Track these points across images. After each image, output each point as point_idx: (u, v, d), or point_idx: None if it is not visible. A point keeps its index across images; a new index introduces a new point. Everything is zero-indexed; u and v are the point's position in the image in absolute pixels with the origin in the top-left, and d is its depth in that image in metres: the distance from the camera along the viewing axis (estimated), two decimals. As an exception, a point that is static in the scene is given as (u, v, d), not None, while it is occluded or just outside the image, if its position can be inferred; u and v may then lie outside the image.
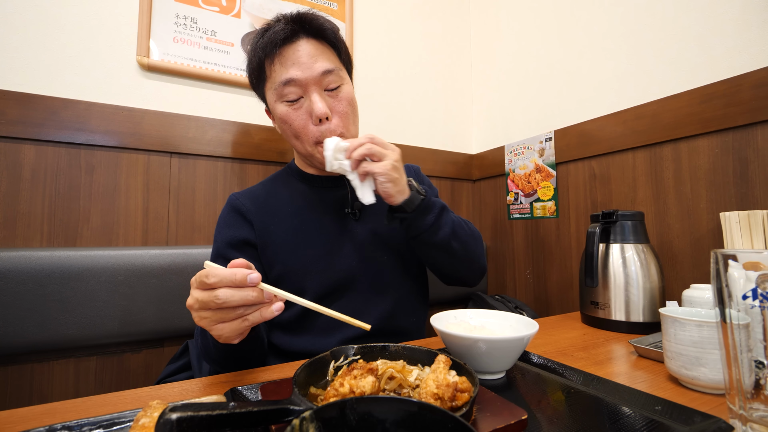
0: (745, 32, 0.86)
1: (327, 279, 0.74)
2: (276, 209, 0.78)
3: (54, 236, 0.92)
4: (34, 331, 0.82)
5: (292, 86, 0.70)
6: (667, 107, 0.98)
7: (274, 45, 0.70)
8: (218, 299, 0.44)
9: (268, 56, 0.72)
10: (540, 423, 0.40)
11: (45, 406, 0.45)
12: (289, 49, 0.70)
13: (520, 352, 0.52)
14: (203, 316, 0.46)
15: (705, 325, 0.48)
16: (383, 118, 1.44)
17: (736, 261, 0.37)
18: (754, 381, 0.36)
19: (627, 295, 0.80)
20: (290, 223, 0.77)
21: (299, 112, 0.72)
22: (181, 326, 0.94)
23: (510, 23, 1.51)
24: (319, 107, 0.70)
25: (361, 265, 0.77)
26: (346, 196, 0.82)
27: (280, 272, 0.74)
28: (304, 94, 0.71)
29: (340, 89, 0.74)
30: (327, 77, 0.71)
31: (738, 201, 0.86)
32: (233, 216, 0.77)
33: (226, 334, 0.47)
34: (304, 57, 0.70)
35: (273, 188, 0.83)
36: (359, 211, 0.81)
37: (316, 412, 0.27)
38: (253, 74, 0.77)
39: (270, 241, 0.75)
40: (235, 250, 0.74)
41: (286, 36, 0.70)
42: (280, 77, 0.70)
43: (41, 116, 0.91)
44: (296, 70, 0.70)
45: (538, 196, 1.34)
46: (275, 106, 0.74)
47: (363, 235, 0.79)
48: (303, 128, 0.72)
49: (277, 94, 0.72)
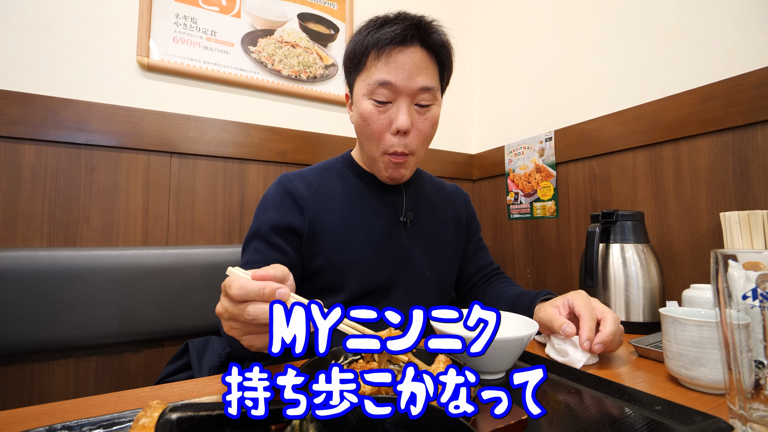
0: (745, 32, 0.86)
1: (366, 281, 0.73)
2: (329, 200, 0.75)
3: (54, 236, 0.92)
4: (34, 331, 0.81)
5: (386, 89, 0.68)
6: (667, 107, 0.98)
7: (387, 42, 0.67)
8: (248, 315, 0.40)
9: (375, 49, 0.68)
10: (540, 423, 0.40)
11: (45, 406, 0.45)
12: (399, 52, 0.68)
13: (520, 352, 0.52)
14: (232, 327, 0.43)
15: (705, 325, 0.48)
16: (383, 118, 1.44)
17: (736, 261, 0.37)
18: (754, 381, 0.36)
19: (627, 295, 0.80)
20: (341, 218, 0.74)
21: (382, 116, 0.70)
22: (181, 326, 0.94)
23: (510, 23, 1.51)
24: (402, 120, 0.68)
25: (402, 274, 0.77)
26: (401, 203, 0.80)
27: (322, 264, 0.72)
28: (394, 100, 0.69)
29: (430, 108, 0.72)
30: (422, 93, 0.69)
31: (738, 201, 0.86)
32: (285, 199, 0.73)
33: (258, 347, 0.44)
34: (409, 65, 0.68)
35: (328, 178, 0.79)
36: (410, 221, 0.80)
37: (316, 412, 0.27)
38: (351, 59, 0.73)
39: (318, 231, 0.72)
40: (277, 236, 0.70)
41: (403, 38, 0.67)
42: (379, 76, 0.68)
43: (41, 116, 0.91)
44: (397, 76, 0.67)
45: (538, 196, 1.34)
46: (361, 99, 0.71)
47: (410, 246, 0.78)
48: (380, 133, 0.70)
49: (368, 89, 0.69)
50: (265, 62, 1.21)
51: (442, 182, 0.95)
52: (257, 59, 1.20)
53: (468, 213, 0.94)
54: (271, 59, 1.22)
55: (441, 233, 0.85)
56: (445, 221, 0.87)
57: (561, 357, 0.60)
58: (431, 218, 0.84)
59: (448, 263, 0.85)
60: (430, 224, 0.83)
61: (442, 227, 0.85)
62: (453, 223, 0.89)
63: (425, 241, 0.81)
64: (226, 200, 1.11)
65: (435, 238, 0.83)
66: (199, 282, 0.96)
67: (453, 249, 0.87)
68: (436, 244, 0.83)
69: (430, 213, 0.84)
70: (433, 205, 0.86)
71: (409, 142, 0.71)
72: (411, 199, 0.82)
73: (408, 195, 0.82)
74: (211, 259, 0.98)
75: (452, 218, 0.89)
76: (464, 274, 0.91)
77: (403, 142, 0.70)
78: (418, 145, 0.73)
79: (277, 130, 1.19)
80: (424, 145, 0.75)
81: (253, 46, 1.20)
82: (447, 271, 0.85)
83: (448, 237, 0.86)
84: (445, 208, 0.89)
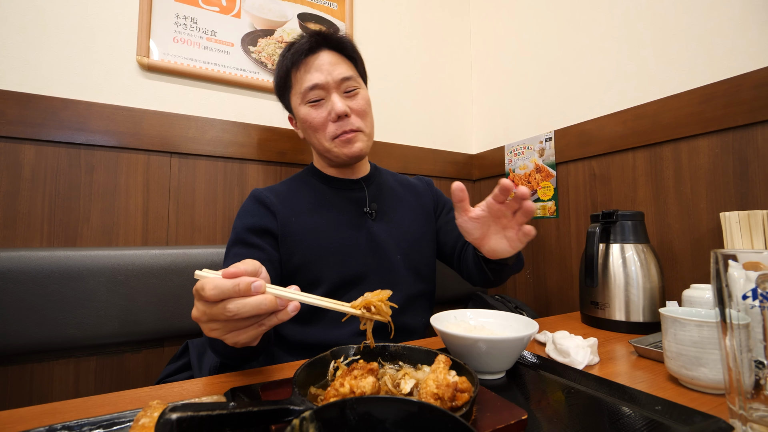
0: (745, 32, 0.86)
1: (342, 271, 0.79)
2: (298, 205, 0.83)
3: (54, 236, 0.92)
4: (34, 331, 0.81)
5: (316, 90, 0.79)
6: (667, 107, 0.98)
7: (300, 54, 0.80)
8: (229, 312, 0.40)
9: (294, 65, 0.82)
10: (540, 423, 0.40)
11: (45, 406, 0.45)
12: (313, 58, 0.81)
13: (520, 352, 0.52)
14: (213, 328, 0.43)
15: (705, 325, 0.48)
16: (383, 118, 1.44)
17: (736, 261, 0.37)
18: (754, 381, 0.36)
19: (627, 295, 0.80)
20: (311, 218, 0.82)
21: (320, 110, 0.80)
22: (181, 326, 0.94)
23: (510, 23, 1.51)
24: (339, 105, 0.78)
25: (375, 261, 0.82)
26: (364, 197, 0.88)
27: (299, 261, 0.78)
28: (326, 97, 0.80)
29: (357, 92, 0.83)
30: (346, 82, 0.81)
31: (738, 201, 0.86)
32: (257, 206, 0.81)
33: (243, 341, 0.45)
34: (325, 65, 0.80)
35: (295, 186, 0.88)
36: (375, 211, 0.87)
37: (316, 412, 0.27)
38: (279, 83, 0.86)
39: (291, 231, 0.79)
40: (254, 235, 0.77)
41: (310, 47, 0.80)
42: (306, 83, 0.80)
43: (41, 116, 0.91)
44: (319, 76, 0.79)
45: (538, 196, 1.34)
46: (299, 109, 0.83)
47: (378, 234, 0.84)
48: (323, 124, 0.81)
49: (302, 97, 0.81)
50: (265, 62, 1.21)
51: (404, 176, 1.03)
52: (257, 59, 1.20)
53: (433, 194, 1.00)
54: (271, 59, 1.22)
55: (407, 219, 0.90)
56: (411, 208, 0.93)
57: (562, 357, 0.60)
58: (396, 206, 0.91)
59: (419, 245, 0.90)
60: (396, 212, 0.90)
61: (408, 214, 0.91)
62: (420, 209, 0.94)
63: (392, 227, 0.87)
64: (226, 200, 1.11)
65: (402, 224, 0.89)
66: (199, 282, 0.96)
67: (424, 231, 0.92)
68: (403, 228, 0.88)
69: (394, 202, 0.91)
70: (396, 196, 0.93)
71: (352, 121, 0.80)
72: (373, 192, 0.90)
73: (370, 189, 0.90)
74: (211, 259, 0.98)
75: (418, 204, 0.95)
76: (447, 246, 0.94)
77: (346, 124, 0.80)
78: (361, 121, 0.82)
79: (277, 130, 1.19)
80: (367, 121, 0.84)
81: (253, 46, 1.20)
82: (418, 253, 0.89)
83: (416, 221, 0.91)
84: (409, 197, 0.95)
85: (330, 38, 0.82)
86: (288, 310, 0.45)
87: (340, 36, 0.84)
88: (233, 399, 0.46)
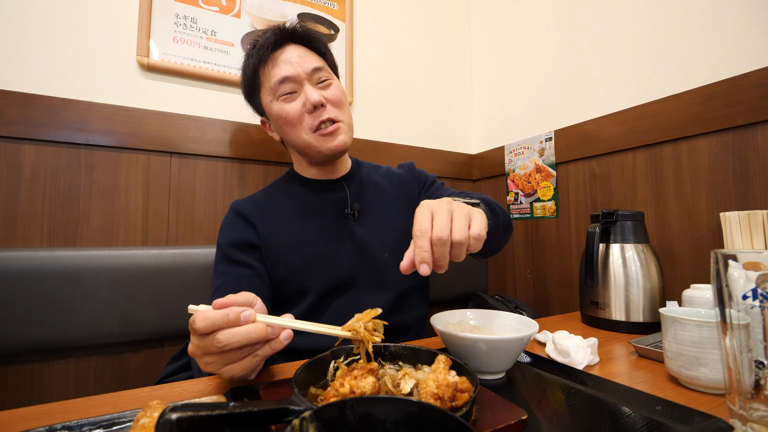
0: (745, 32, 0.86)
1: (329, 277, 0.77)
2: (277, 213, 0.81)
3: (54, 236, 0.92)
4: (34, 331, 0.81)
5: (287, 83, 0.76)
6: (667, 107, 0.98)
7: (266, 49, 0.77)
8: (219, 343, 0.40)
9: (261, 62, 0.78)
10: (540, 423, 0.40)
11: (45, 406, 0.45)
12: (279, 52, 0.77)
13: (520, 352, 0.52)
14: (208, 362, 0.43)
15: (705, 325, 0.48)
16: (383, 119, 1.44)
17: (736, 261, 0.37)
18: (754, 381, 0.36)
19: (627, 295, 0.80)
20: (292, 226, 0.79)
21: (294, 103, 0.77)
22: (181, 326, 0.94)
23: (510, 23, 1.51)
24: (313, 95, 0.75)
25: (362, 263, 0.79)
26: (345, 198, 0.85)
27: (284, 273, 0.76)
28: (298, 89, 0.77)
29: (330, 82, 0.79)
30: (318, 73, 0.78)
31: (738, 201, 0.86)
32: (237, 220, 0.79)
33: (239, 375, 0.44)
34: (294, 58, 0.77)
35: (274, 193, 0.85)
36: (358, 212, 0.84)
37: (316, 412, 0.27)
38: (247, 83, 0.82)
39: (273, 242, 0.77)
40: (239, 251, 0.75)
41: (276, 41, 0.77)
42: (275, 77, 0.76)
43: (41, 116, 0.91)
44: (289, 68, 0.76)
45: (538, 196, 1.34)
46: (271, 106, 0.79)
47: (362, 235, 0.81)
48: (299, 117, 0.76)
49: (272, 93, 0.77)
50: (265, 62, 1.21)
51: (388, 168, 0.98)
52: (257, 59, 1.20)
53: (416, 178, 0.96)
54: (271, 59, 1.22)
55: (392, 214, 0.87)
56: (395, 202, 0.89)
57: (562, 357, 0.60)
58: (379, 203, 0.87)
59: (406, 239, 0.84)
60: (380, 209, 0.86)
61: (392, 209, 0.88)
62: (405, 199, 0.90)
63: (376, 225, 0.84)
64: (226, 200, 1.11)
65: (387, 220, 0.86)
66: (199, 282, 0.96)
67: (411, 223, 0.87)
68: (389, 224, 0.85)
69: (377, 198, 0.88)
70: (379, 191, 0.89)
71: (328, 111, 0.77)
72: (354, 190, 0.87)
73: (351, 188, 0.87)
74: (211, 259, 0.98)
75: (403, 194, 0.91)
76: None
77: (323, 113, 0.76)
78: (338, 111, 0.79)
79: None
80: (344, 111, 0.81)
81: (253, 46, 1.19)
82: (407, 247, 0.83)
83: (401, 215, 0.87)
84: (393, 189, 0.91)
85: (296, 32, 0.79)
86: (281, 338, 0.44)
87: (306, 29, 0.80)
88: (233, 399, 0.46)
